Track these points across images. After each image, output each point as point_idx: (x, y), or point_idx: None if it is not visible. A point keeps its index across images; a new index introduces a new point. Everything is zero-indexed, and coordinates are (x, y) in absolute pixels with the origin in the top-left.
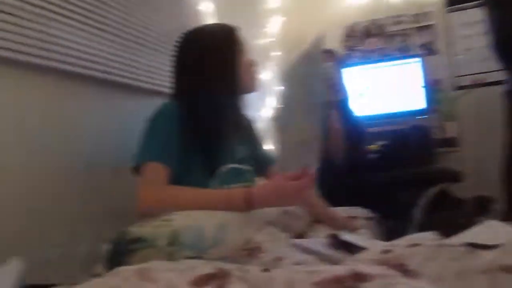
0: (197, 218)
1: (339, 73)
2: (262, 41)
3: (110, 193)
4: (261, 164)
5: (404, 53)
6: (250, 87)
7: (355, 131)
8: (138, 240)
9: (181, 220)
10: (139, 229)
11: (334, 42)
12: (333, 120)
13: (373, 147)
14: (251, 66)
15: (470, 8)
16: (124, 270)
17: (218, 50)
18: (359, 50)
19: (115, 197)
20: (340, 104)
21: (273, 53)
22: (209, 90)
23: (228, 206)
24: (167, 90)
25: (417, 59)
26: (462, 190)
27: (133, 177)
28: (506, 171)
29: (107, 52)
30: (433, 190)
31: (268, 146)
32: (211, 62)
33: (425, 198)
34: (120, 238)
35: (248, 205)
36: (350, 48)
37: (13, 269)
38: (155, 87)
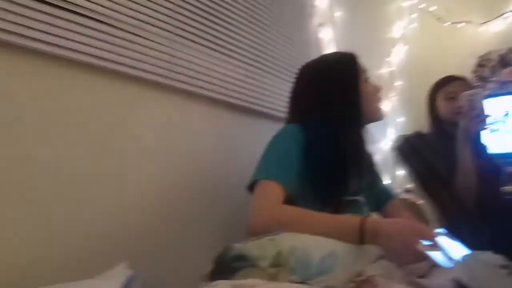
0: (306, 241)
1: (481, 103)
2: (384, 71)
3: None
4: (380, 199)
5: None
6: (375, 115)
7: (488, 170)
8: (241, 258)
9: (288, 241)
10: (243, 246)
11: (464, 73)
12: (466, 156)
13: (509, 188)
14: (376, 93)
15: None
16: (221, 284)
17: (340, 78)
18: (492, 81)
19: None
20: (474, 138)
21: (395, 83)
22: (331, 118)
23: (341, 230)
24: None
25: None
26: None
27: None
28: None
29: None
30: None
31: (387, 179)
32: (333, 90)
33: None
34: (223, 254)
35: (361, 233)
36: (483, 79)
37: (120, 274)
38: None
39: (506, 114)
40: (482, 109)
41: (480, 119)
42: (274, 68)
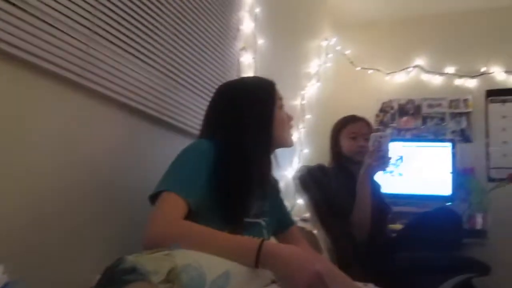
0: (201, 259)
1: (387, 145)
2: (297, 102)
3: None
4: (280, 224)
5: (437, 136)
6: (285, 141)
7: (379, 208)
8: (133, 271)
9: (183, 258)
10: (136, 259)
11: (368, 116)
12: (366, 193)
13: (395, 226)
14: (288, 121)
15: (511, 101)
16: None
17: (256, 101)
18: (391, 127)
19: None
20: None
21: (305, 116)
22: (243, 139)
23: (238, 251)
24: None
25: (448, 144)
26: (488, 286)
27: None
28: None
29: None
30: (457, 279)
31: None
32: (248, 113)
33: (447, 286)
34: (113, 266)
35: (258, 256)
36: (383, 124)
37: None
38: (194, 130)
39: (400, 159)
40: (387, 151)
41: (384, 160)
42: (192, 83)
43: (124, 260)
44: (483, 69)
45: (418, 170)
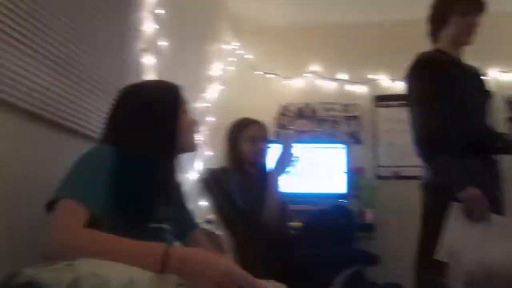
0: (105, 268)
1: (292, 146)
2: (199, 105)
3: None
4: (185, 228)
5: (332, 138)
6: (189, 146)
7: (281, 205)
8: (31, 285)
9: (86, 267)
10: (34, 272)
11: (267, 118)
12: (275, 191)
13: (294, 223)
14: (193, 125)
15: (395, 106)
16: None
17: (161, 106)
18: (290, 129)
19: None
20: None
21: (207, 118)
22: (146, 145)
23: (143, 257)
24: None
25: (342, 145)
26: (376, 275)
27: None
28: (418, 258)
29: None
30: (349, 271)
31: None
32: (153, 117)
33: (341, 278)
34: (8, 280)
35: (164, 261)
36: (282, 126)
37: None
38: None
39: (297, 159)
40: (293, 150)
41: (291, 159)
42: (91, 82)
43: (20, 274)
44: (371, 77)
45: (315, 170)
